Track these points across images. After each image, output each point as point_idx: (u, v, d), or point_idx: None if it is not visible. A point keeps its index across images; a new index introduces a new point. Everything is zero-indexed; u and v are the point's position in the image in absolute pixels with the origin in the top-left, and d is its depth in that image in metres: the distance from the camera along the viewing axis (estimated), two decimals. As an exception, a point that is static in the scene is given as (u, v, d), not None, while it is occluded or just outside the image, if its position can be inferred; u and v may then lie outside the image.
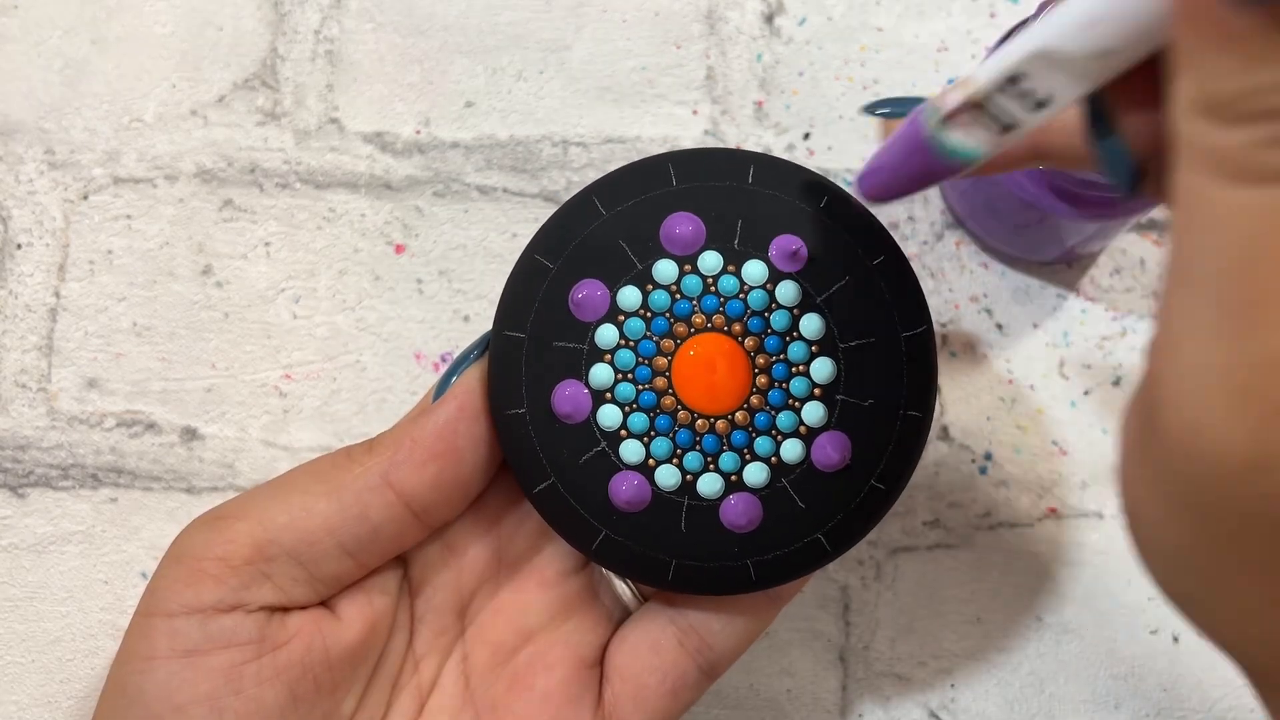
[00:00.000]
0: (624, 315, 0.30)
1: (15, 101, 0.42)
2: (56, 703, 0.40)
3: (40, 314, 0.41)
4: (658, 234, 0.30)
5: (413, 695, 0.32)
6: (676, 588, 0.31)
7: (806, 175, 0.31)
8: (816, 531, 0.30)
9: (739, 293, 0.30)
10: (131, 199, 0.41)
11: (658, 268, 0.30)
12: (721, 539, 0.30)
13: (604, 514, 0.30)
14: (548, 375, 0.30)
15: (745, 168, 0.31)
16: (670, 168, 0.31)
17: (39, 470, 0.40)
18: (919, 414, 0.30)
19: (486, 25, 0.42)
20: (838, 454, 0.30)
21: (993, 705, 0.39)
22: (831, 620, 0.39)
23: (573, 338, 0.30)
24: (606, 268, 0.30)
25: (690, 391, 0.30)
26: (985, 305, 0.40)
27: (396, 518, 0.30)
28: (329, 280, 0.41)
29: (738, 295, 0.30)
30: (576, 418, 0.30)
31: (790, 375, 0.30)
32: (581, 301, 0.30)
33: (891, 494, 0.30)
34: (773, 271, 0.30)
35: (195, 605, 0.29)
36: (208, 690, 0.28)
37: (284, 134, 0.42)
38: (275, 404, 0.41)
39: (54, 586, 0.40)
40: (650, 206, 0.31)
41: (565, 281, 0.30)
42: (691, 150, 0.31)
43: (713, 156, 0.31)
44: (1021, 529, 0.39)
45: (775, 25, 0.42)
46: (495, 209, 0.41)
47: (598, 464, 0.30)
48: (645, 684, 0.32)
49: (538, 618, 0.33)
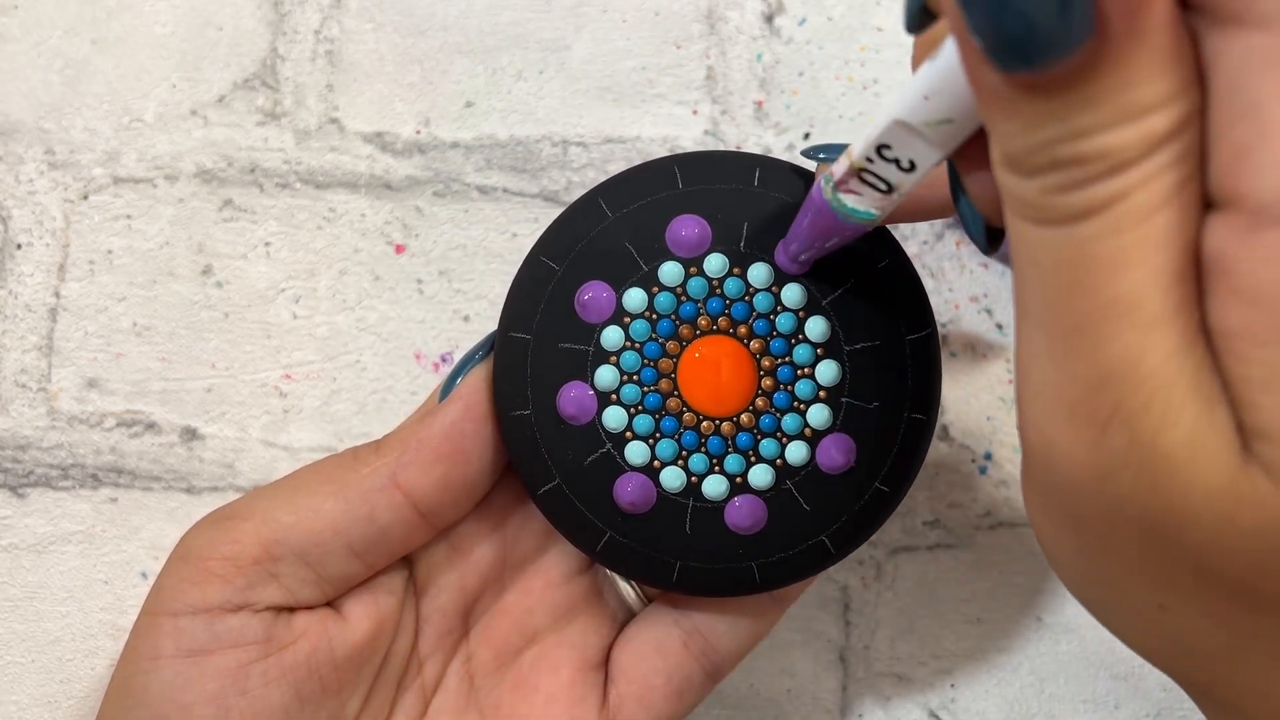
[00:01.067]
0: (629, 317, 0.30)
1: (15, 101, 0.42)
2: (56, 703, 0.39)
3: (40, 314, 0.41)
4: (663, 236, 0.30)
5: (417, 696, 0.32)
6: (681, 589, 0.31)
7: (812, 178, 0.31)
8: (821, 533, 0.30)
9: (744, 295, 0.30)
10: (131, 199, 0.41)
11: (663, 270, 0.30)
12: (726, 541, 0.30)
13: (609, 515, 0.30)
14: (553, 377, 0.30)
15: (751, 170, 0.31)
16: (676, 170, 0.31)
17: (39, 470, 0.40)
18: (923, 416, 0.30)
19: (486, 25, 0.42)
20: (842, 456, 0.30)
21: (993, 705, 0.39)
22: (832, 620, 0.39)
23: (578, 339, 0.30)
24: (612, 270, 0.30)
25: (696, 393, 0.30)
26: (985, 305, 0.40)
27: (404, 519, 0.30)
28: (329, 280, 0.41)
29: (743, 298, 0.30)
30: (581, 419, 0.30)
31: (795, 378, 0.30)
32: (587, 303, 0.30)
33: (895, 496, 0.30)
34: (778, 274, 0.30)
35: (201, 605, 0.29)
36: (213, 690, 0.28)
37: (284, 134, 0.42)
38: (275, 404, 0.41)
39: (54, 586, 0.40)
40: (656, 209, 0.31)
41: (571, 283, 0.31)
42: (697, 153, 0.31)
43: (718, 159, 0.31)
44: (1022, 529, 0.39)
45: (775, 25, 0.42)
46: (495, 209, 0.41)
47: (603, 465, 0.30)
48: (650, 685, 0.32)
49: (542, 619, 0.33)
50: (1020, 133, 0.18)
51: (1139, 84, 0.17)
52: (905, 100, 0.23)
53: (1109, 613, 0.23)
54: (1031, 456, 0.21)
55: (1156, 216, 0.18)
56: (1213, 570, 0.19)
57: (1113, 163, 0.18)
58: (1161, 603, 0.21)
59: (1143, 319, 0.18)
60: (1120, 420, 0.19)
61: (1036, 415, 0.20)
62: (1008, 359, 0.40)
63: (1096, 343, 0.19)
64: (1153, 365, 0.18)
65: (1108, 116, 0.18)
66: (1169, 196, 0.18)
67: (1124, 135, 0.18)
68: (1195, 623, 0.20)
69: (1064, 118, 0.18)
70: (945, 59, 0.21)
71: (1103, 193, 0.18)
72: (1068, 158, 0.18)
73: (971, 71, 0.19)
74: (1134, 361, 0.18)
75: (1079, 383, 0.19)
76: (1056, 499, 0.21)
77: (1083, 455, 0.19)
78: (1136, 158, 0.18)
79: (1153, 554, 0.20)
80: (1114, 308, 0.18)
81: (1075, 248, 0.18)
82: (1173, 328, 0.18)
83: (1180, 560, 0.19)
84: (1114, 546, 0.20)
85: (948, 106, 0.22)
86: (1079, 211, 0.18)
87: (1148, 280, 0.18)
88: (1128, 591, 0.21)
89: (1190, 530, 0.19)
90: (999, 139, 0.19)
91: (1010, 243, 0.20)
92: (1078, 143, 0.18)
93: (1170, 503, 0.19)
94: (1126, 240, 0.18)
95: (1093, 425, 0.19)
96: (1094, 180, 0.18)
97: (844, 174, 0.26)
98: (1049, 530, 0.22)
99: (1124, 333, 0.18)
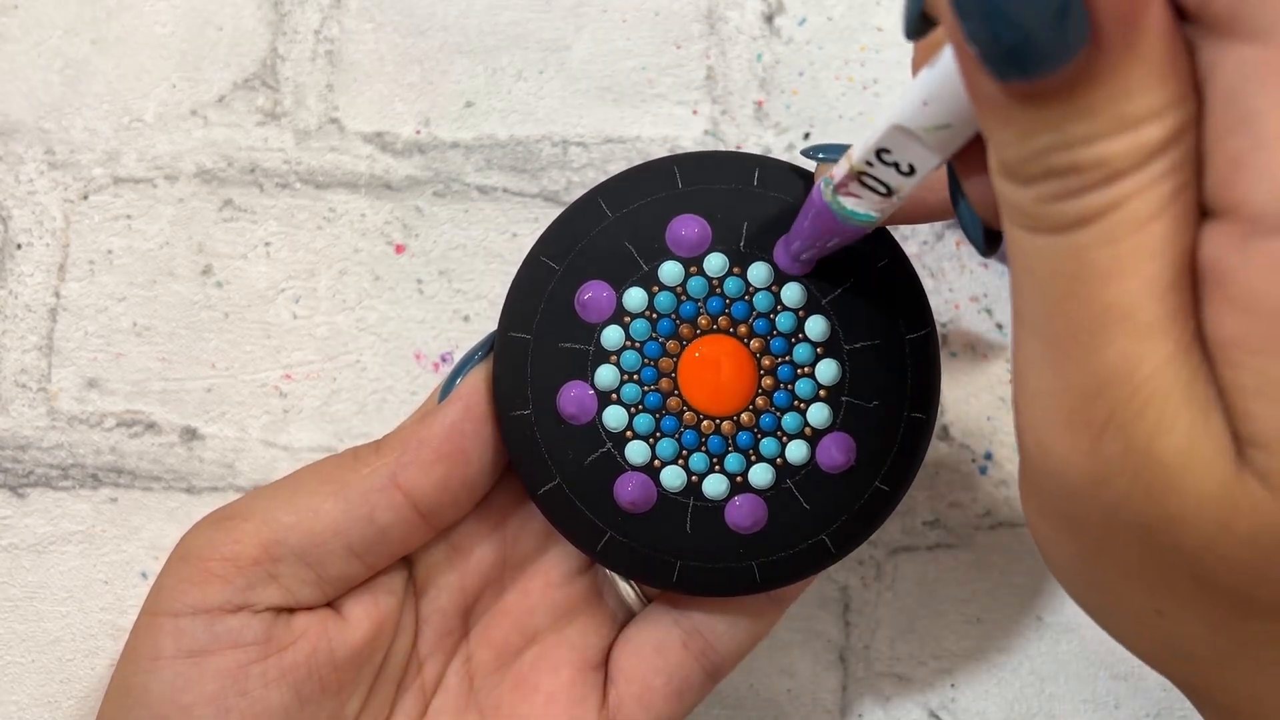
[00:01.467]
0: (630, 317, 0.30)
1: (15, 101, 0.42)
2: (56, 703, 0.39)
3: (40, 314, 0.41)
4: (663, 236, 0.30)
5: (416, 696, 0.32)
6: (681, 589, 0.31)
7: (811, 178, 0.31)
8: (821, 533, 0.30)
9: (744, 294, 0.30)
10: (131, 199, 0.41)
11: (663, 269, 0.30)
12: (726, 540, 0.30)
13: (609, 515, 0.30)
14: (553, 377, 0.30)
15: (751, 170, 0.31)
16: (676, 170, 0.31)
17: (39, 470, 0.40)
18: (922, 416, 0.30)
19: (486, 25, 0.42)
20: (843, 455, 0.30)
21: (993, 705, 0.39)
22: (831, 620, 0.39)
23: (578, 339, 0.30)
24: (612, 269, 0.30)
25: (696, 393, 0.30)
26: (985, 305, 0.40)
27: (404, 519, 0.30)
28: (329, 280, 0.41)
29: (743, 297, 0.30)
30: (582, 419, 0.30)
31: (796, 376, 0.30)
32: (587, 303, 0.30)
33: (896, 495, 0.30)
34: (778, 273, 0.30)
35: (201, 605, 0.29)
36: (213, 691, 0.28)
37: (284, 134, 0.42)
38: (275, 404, 0.41)
39: (54, 586, 0.40)
40: (656, 208, 0.31)
41: (571, 283, 0.31)
42: (697, 153, 0.31)
43: (718, 159, 0.31)
44: (1022, 529, 0.39)
45: (775, 25, 0.42)
46: (495, 209, 0.41)
47: (603, 465, 0.30)
48: (649, 686, 0.32)
49: (542, 619, 0.33)
50: (1016, 141, 0.19)
51: (1134, 94, 0.18)
52: (904, 105, 0.23)
53: (1107, 616, 0.23)
54: (1028, 461, 0.21)
55: (1151, 225, 0.18)
56: (1208, 576, 0.19)
57: (1107, 172, 0.18)
58: (1158, 608, 0.21)
59: (1137, 327, 0.18)
60: (1115, 426, 0.19)
61: (1033, 421, 0.20)
62: (1008, 359, 0.40)
63: (1091, 350, 0.19)
64: (1147, 372, 0.18)
65: (1103, 126, 0.18)
66: (1164, 205, 0.18)
67: (1119, 144, 0.18)
68: (1192, 628, 0.21)
69: (1059, 126, 0.18)
70: (944, 65, 0.21)
71: (1097, 201, 0.18)
72: (1062, 166, 0.18)
73: (968, 79, 0.19)
74: (1129, 369, 0.18)
75: (1075, 389, 0.19)
76: (1053, 504, 0.21)
77: (1079, 461, 0.19)
78: (1131, 167, 0.18)
79: (1149, 559, 0.20)
80: (1108, 315, 0.18)
81: (1070, 256, 0.19)
82: (1167, 335, 0.18)
83: (1176, 566, 0.19)
84: (1111, 551, 0.20)
85: (946, 112, 0.22)
86: (1074, 220, 0.18)
87: (1142, 288, 0.18)
88: (1125, 596, 0.21)
89: (1186, 536, 0.19)
90: (995, 147, 0.19)
91: (1007, 249, 0.20)
92: (1072, 151, 0.18)
93: (1166, 509, 0.19)
94: (1121, 249, 0.18)
95: (1088, 431, 0.19)
96: (1089, 189, 0.18)
97: (844, 177, 0.26)
98: (1047, 534, 0.22)
99: (1118, 340, 0.19)
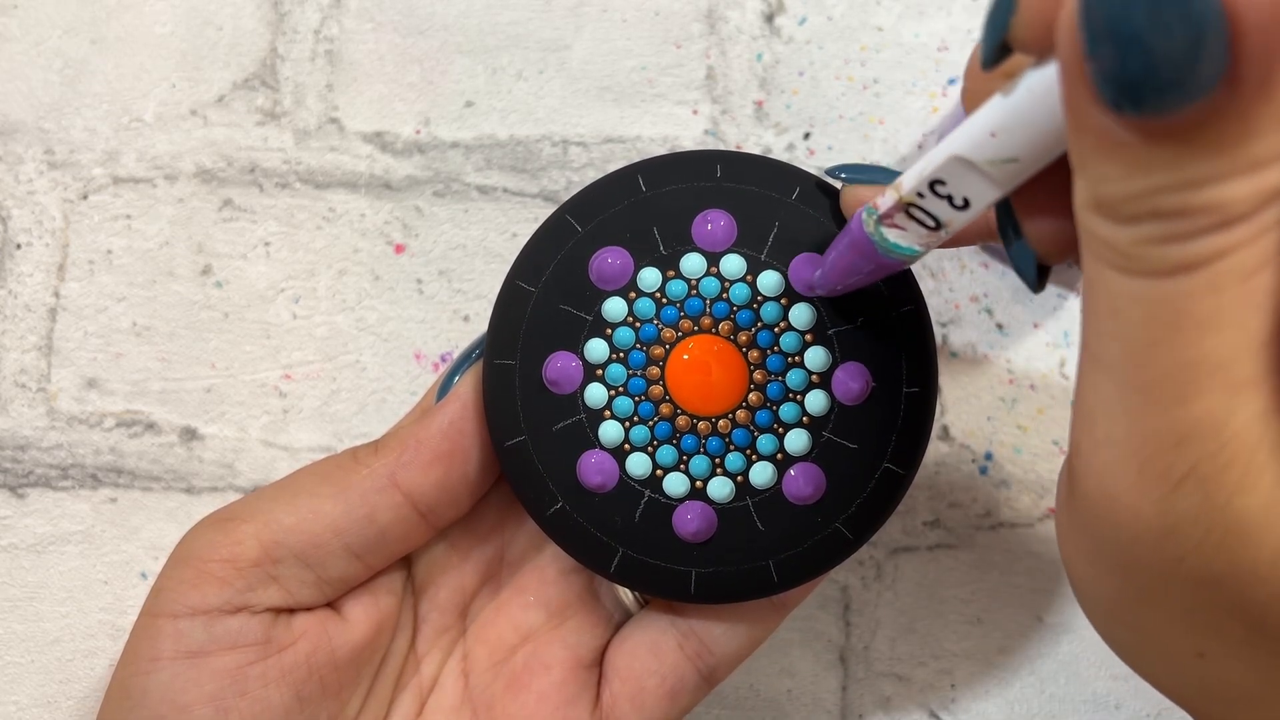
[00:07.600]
0: (637, 294, 0.30)
1: (15, 101, 0.42)
2: (56, 703, 0.39)
3: (40, 314, 0.41)
4: (690, 225, 0.30)
5: (414, 695, 0.32)
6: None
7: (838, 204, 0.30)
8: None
9: (752, 303, 0.30)
10: (131, 199, 0.41)
11: (685, 260, 0.30)
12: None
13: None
14: (548, 338, 0.30)
15: (792, 183, 0.30)
16: (718, 165, 0.31)
17: (39, 470, 0.40)
18: (901, 471, 0.30)
19: (486, 25, 0.42)
20: (810, 488, 0.30)
21: (993, 705, 0.39)
22: (832, 620, 0.39)
23: (582, 305, 0.30)
24: (634, 244, 0.30)
25: (684, 392, 0.30)
26: (985, 305, 0.40)
27: (403, 519, 0.30)
28: (329, 280, 0.41)
29: (750, 305, 0.30)
30: (565, 388, 0.30)
31: (783, 399, 0.30)
32: (603, 268, 0.30)
33: (854, 543, 0.30)
34: (790, 290, 0.30)
35: (201, 606, 0.29)
36: (213, 691, 0.28)
37: (284, 134, 0.42)
38: (275, 404, 0.40)
39: (54, 586, 0.40)
40: (690, 197, 0.30)
41: (588, 247, 0.31)
42: (742, 153, 0.31)
43: (762, 164, 0.31)
44: (1022, 529, 0.39)
45: (775, 25, 0.42)
46: (495, 209, 0.41)
47: (571, 435, 0.30)
48: (643, 686, 0.32)
49: (537, 617, 0.33)
50: (1121, 178, 0.17)
51: (1261, 135, 0.16)
52: (967, 135, 0.22)
53: (1140, 655, 0.22)
54: (1088, 504, 0.20)
55: (1258, 276, 0.17)
56: (1273, 625, 0.19)
57: (1222, 217, 0.17)
58: (1201, 650, 0.20)
59: (1232, 380, 0.18)
60: (1195, 480, 0.18)
61: (1100, 465, 0.19)
62: (1008, 359, 0.40)
63: (1179, 400, 0.18)
64: (1237, 428, 0.18)
65: (1225, 168, 0.17)
66: (1271, 256, 0.17)
67: (1238, 189, 0.17)
68: (1233, 671, 0.20)
69: (1175, 166, 0.17)
70: (1023, 95, 0.20)
71: (1206, 249, 0.17)
72: (1172, 208, 0.17)
73: (1075, 109, 0.18)
74: (1218, 423, 0.18)
75: (1155, 438, 0.18)
76: (1107, 547, 0.20)
77: (1148, 510, 0.19)
78: (1247, 213, 0.17)
79: (1202, 606, 0.19)
80: (1202, 366, 0.18)
81: (1167, 303, 0.18)
82: (1260, 391, 0.18)
83: (1234, 614, 0.19)
84: (1160, 597, 0.20)
85: (1016, 145, 0.21)
86: (1175, 265, 0.17)
87: (1241, 342, 0.17)
88: (1165, 638, 0.21)
89: (1257, 590, 0.18)
90: (1092, 181, 0.18)
91: (1085, 287, 0.19)
92: (1186, 193, 0.17)
93: (1237, 564, 0.18)
94: (1224, 299, 0.17)
95: (1165, 482, 0.18)
96: (1199, 234, 0.17)
97: (890, 207, 0.24)
98: (1087, 573, 0.22)
99: (1210, 393, 0.18)
